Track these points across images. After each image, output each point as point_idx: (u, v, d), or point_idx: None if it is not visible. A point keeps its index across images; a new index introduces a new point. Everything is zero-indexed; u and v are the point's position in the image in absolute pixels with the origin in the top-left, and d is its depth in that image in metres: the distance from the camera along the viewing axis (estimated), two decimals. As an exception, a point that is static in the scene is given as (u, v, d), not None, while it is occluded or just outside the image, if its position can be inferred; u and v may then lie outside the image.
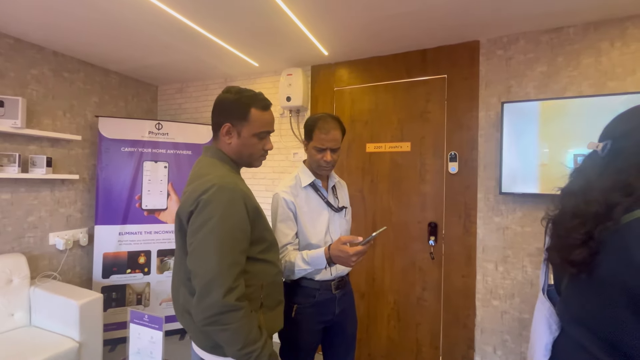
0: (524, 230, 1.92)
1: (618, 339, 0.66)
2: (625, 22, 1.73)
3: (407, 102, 2.23)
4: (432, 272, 2.15)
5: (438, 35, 1.99)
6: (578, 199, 0.75)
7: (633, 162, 0.69)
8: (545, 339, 0.87)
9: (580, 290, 0.76)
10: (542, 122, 1.81)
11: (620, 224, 0.66)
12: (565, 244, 0.75)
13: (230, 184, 0.92)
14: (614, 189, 0.69)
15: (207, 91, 2.89)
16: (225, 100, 1.02)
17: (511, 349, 1.94)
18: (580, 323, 0.76)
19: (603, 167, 0.73)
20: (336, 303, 1.33)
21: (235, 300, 0.84)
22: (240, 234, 0.90)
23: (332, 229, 1.34)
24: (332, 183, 1.40)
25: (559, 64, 1.86)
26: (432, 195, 2.15)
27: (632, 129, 0.71)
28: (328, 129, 1.24)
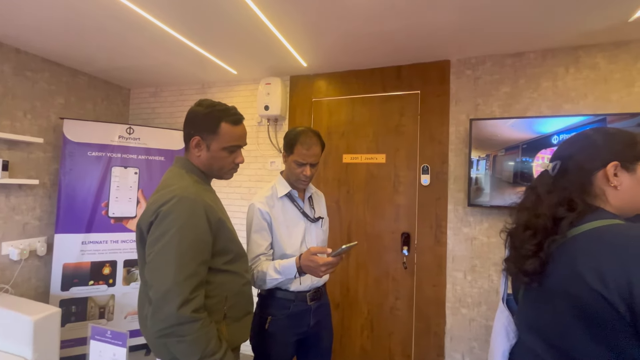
0: (490, 240, 2.02)
1: (567, 346, 0.71)
2: (577, 50, 1.90)
3: (383, 116, 2.30)
4: (405, 281, 2.20)
5: (412, 53, 2.08)
6: (530, 213, 0.81)
7: (575, 181, 0.76)
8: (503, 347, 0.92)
9: (534, 299, 0.82)
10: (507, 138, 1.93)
11: (567, 237, 0.73)
12: (520, 255, 0.81)
13: (191, 195, 0.92)
14: (559, 204, 0.76)
15: (182, 96, 2.83)
16: (196, 113, 1.03)
17: (478, 355, 2.02)
18: (533, 331, 0.81)
19: (552, 185, 0.80)
20: (311, 314, 1.33)
21: (191, 312, 0.84)
22: (200, 245, 0.90)
23: (309, 239, 1.35)
24: (308, 194, 1.41)
25: (521, 86, 2.00)
26: (406, 206, 2.22)
27: (575, 152, 0.79)
28: (310, 145, 1.26)
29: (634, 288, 0.59)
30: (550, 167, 0.81)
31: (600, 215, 0.72)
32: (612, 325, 0.63)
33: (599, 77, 1.86)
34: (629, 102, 1.80)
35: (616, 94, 1.82)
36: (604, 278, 0.63)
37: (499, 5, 1.53)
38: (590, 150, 0.77)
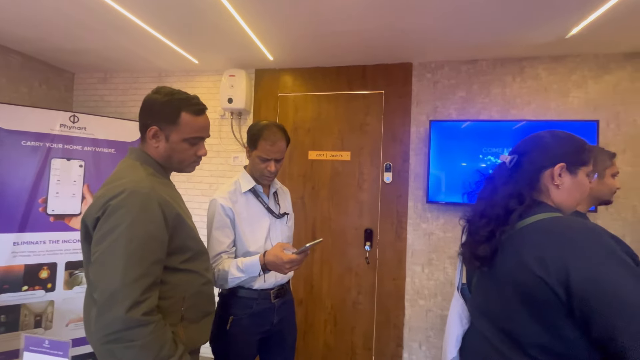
0: (446, 235, 2.15)
1: (512, 328, 0.78)
2: (522, 62, 2.08)
3: (348, 114, 2.33)
4: (367, 276, 2.26)
5: (377, 54, 2.14)
6: (487, 202, 0.88)
7: (526, 177, 0.84)
8: (456, 331, 0.99)
9: (485, 286, 0.88)
10: (462, 140, 2.06)
11: (515, 229, 0.79)
12: (474, 240, 0.87)
13: (144, 188, 0.86)
14: (511, 197, 0.83)
15: (137, 84, 2.63)
16: (154, 101, 0.96)
17: (434, 344, 2.14)
18: (484, 316, 0.88)
19: (507, 177, 0.87)
20: (275, 312, 1.31)
21: (142, 314, 0.78)
22: (153, 243, 0.84)
23: (273, 235, 1.32)
24: (273, 189, 1.38)
25: (475, 91, 2.15)
26: (369, 202, 2.28)
27: (530, 150, 0.86)
28: (274, 140, 1.23)
29: (570, 274, 0.66)
30: (508, 160, 0.88)
31: (543, 209, 0.80)
32: (551, 307, 0.69)
33: (540, 86, 2.06)
34: (564, 110, 2.01)
35: (554, 103, 2.03)
36: (545, 265, 0.70)
37: (456, 15, 1.62)
38: (543, 150, 0.84)
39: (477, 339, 0.91)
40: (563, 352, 0.70)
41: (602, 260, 0.65)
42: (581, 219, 0.75)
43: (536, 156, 0.84)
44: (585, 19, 1.60)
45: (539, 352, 0.73)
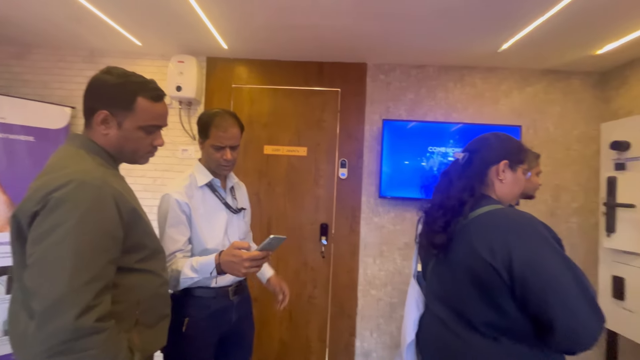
0: (396, 228, 2.29)
1: (464, 309, 0.87)
2: (462, 70, 2.31)
3: (305, 109, 2.34)
4: (322, 270, 2.30)
5: (334, 52, 2.18)
6: (443, 194, 0.97)
7: (477, 172, 0.94)
8: (413, 316, 1.07)
9: (440, 272, 0.97)
10: (410, 139, 2.22)
11: (467, 219, 0.89)
12: (431, 230, 0.96)
13: (96, 180, 0.76)
14: (464, 190, 0.92)
15: (63, 63, 2.28)
16: (104, 82, 0.85)
17: (384, 330, 2.27)
18: (439, 299, 0.97)
19: (461, 172, 0.96)
20: (234, 310, 1.27)
21: (94, 321, 0.69)
22: (107, 241, 0.76)
23: (231, 231, 1.27)
24: (230, 183, 1.33)
25: (423, 94, 2.32)
26: (325, 198, 2.32)
27: (479, 148, 0.97)
28: (226, 127, 1.18)
29: (512, 259, 0.76)
30: (461, 157, 0.97)
31: (488, 201, 0.91)
32: (497, 288, 0.79)
33: (477, 93, 2.31)
34: (495, 115, 2.29)
35: (487, 108, 2.30)
36: (493, 252, 0.79)
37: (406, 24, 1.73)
38: (490, 149, 0.95)
39: (433, 321, 0.99)
40: (506, 326, 0.80)
41: (537, 247, 0.77)
42: (524, 212, 0.87)
43: (485, 154, 0.95)
44: (513, 37, 1.84)
45: (486, 328, 0.83)
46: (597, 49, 1.93)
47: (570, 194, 2.25)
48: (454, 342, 0.88)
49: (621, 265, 1.71)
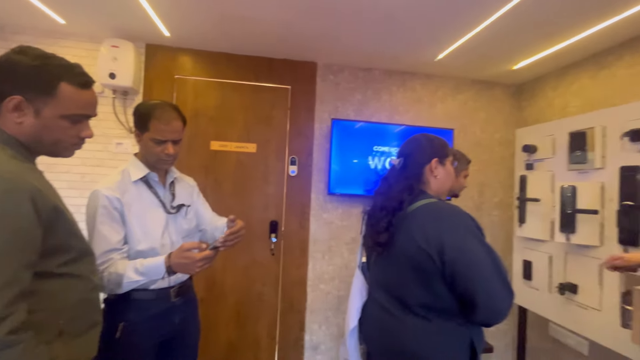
0: (343, 224, 2.38)
1: (403, 294, 0.96)
2: (404, 75, 2.48)
3: (254, 105, 2.30)
4: (271, 267, 2.29)
5: (284, 49, 2.18)
6: (384, 197, 1.05)
7: (413, 173, 1.04)
8: (357, 304, 1.15)
9: (383, 262, 1.05)
10: (358, 138, 2.32)
11: (406, 213, 0.98)
12: (375, 231, 1.03)
13: (8, 174, 0.68)
14: (403, 190, 1.01)
15: (-41, 37, 1.92)
16: (18, 63, 0.75)
17: (332, 322, 2.35)
18: (381, 287, 1.06)
19: (398, 176, 1.06)
20: (176, 312, 1.21)
21: (6, 333, 0.62)
22: (22, 243, 0.68)
23: (171, 230, 1.21)
24: (170, 178, 1.26)
25: (369, 96, 2.44)
26: (274, 195, 2.31)
27: (412, 151, 1.07)
28: (168, 119, 1.12)
29: (444, 245, 0.86)
30: (397, 163, 1.07)
31: (425, 196, 1.01)
32: (431, 272, 0.89)
33: (416, 98, 2.50)
34: (432, 119, 2.50)
35: (425, 112, 2.50)
36: (428, 240, 0.89)
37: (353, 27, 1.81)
38: (421, 150, 1.06)
39: (374, 307, 1.07)
40: (438, 306, 0.91)
41: (464, 235, 0.88)
42: (454, 205, 0.98)
43: (418, 155, 1.06)
44: (447, 48, 2.03)
45: (421, 310, 0.92)
46: (513, 64, 2.23)
47: (492, 190, 2.57)
48: (392, 324, 0.97)
49: (529, 251, 2.01)
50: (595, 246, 1.59)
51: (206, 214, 1.40)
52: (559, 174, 1.82)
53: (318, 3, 1.60)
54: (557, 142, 1.84)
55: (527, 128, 2.15)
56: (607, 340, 1.53)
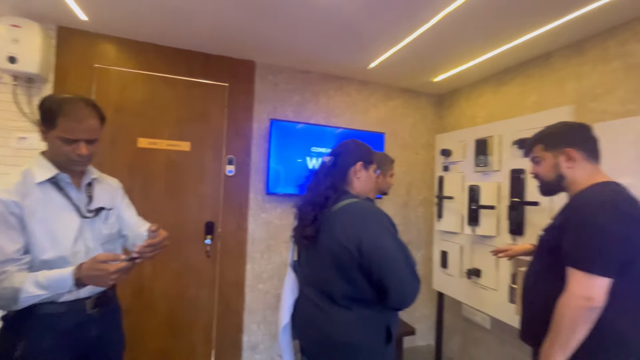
0: (282, 223, 2.42)
1: (328, 288, 1.04)
2: (341, 80, 2.61)
3: (189, 101, 2.20)
4: (207, 269, 2.22)
5: (221, 45, 2.12)
6: (312, 192, 1.12)
7: (339, 172, 1.12)
8: (289, 301, 1.20)
9: (310, 259, 1.12)
10: (296, 138, 2.37)
11: (331, 211, 1.05)
12: (303, 224, 1.10)
13: None
14: (329, 187, 1.09)
15: None
16: None
17: (271, 321, 2.37)
18: (310, 283, 1.12)
19: (327, 173, 1.13)
20: (94, 324, 1.11)
21: None
22: None
23: (87, 236, 1.09)
24: (87, 179, 1.14)
25: (307, 98, 2.51)
26: (210, 195, 2.24)
27: (342, 152, 1.15)
28: (81, 117, 1.01)
29: (362, 241, 0.96)
30: (328, 160, 1.14)
31: (348, 196, 1.09)
32: (351, 266, 0.98)
33: (352, 102, 2.64)
34: (366, 123, 2.67)
35: (359, 116, 2.66)
36: (348, 237, 0.97)
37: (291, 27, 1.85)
38: (349, 152, 1.14)
39: (305, 303, 1.13)
40: (357, 296, 1.00)
41: (379, 232, 0.98)
42: (370, 203, 1.08)
43: (345, 157, 1.14)
44: (378, 58, 2.19)
45: (344, 301, 1.01)
46: (434, 77, 2.50)
47: (418, 189, 2.85)
48: (321, 316, 1.04)
49: (445, 242, 2.29)
50: (493, 236, 1.88)
51: (131, 219, 1.30)
52: (468, 175, 2.10)
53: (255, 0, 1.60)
54: (466, 147, 2.13)
55: (444, 134, 2.44)
56: (502, 315, 1.83)
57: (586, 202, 0.93)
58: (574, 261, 0.89)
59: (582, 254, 0.88)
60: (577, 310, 0.86)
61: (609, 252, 0.86)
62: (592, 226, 0.88)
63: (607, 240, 0.86)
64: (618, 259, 0.86)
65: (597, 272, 0.85)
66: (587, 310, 0.85)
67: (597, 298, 0.85)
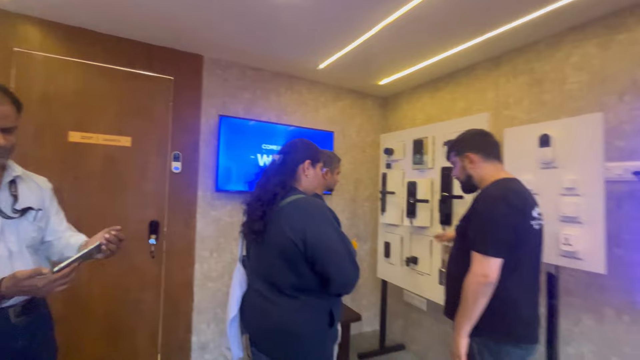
0: (233, 220, 2.40)
1: (276, 279, 1.09)
2: (292, 79, 2.66)
3: (130, 94, 2.07)
4: (152, 270, 2.13)
5: (166, 36, 2.04)
6: (261, 188, 1.16)
7: (288, 170, 1.18)
8: (237, 294, 1.24)
9: (259, 252, 1.17)
10: (247, 135, 2.37)
11: (279, 207, 1.11)
12: (252, 219, 1.14)
13: None
14: (278, 184, 1.14)
15: None
16: None
17: (221, 319, 2.35)
18: (258, 276, 1.17)
19: (276, 170, 1.18)
20: (19, 335, 1.03)
21: None
22: None
23: (10, 238, 1.01)
24: (9, 177, 1.05)
25: (258, 96, 2.51)
26: (155, 193, 2.14)
27: (290, 151, 1.21)
28: None
29: (306, 234, 1.03)
30: (277, 158, 1.19)
31: (295, 192, 1.16)
32: (296, 257, 1.05)
33: (303, 101, 2.71)
34: (316, 121, 2.76)
35: (310, 115, 2.74)
36: (293, 230, 1.04)
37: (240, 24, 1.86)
38: (298, 150, 1.20)
39: (253, 295, 1.18)
40: (303, 286, 1.07)
41: (322, 225, 1.06)
42: (315, 199, 1.16)
43: (294, 155, 1.20)
44: (326, 60, 2.29)
45: (290, 290, 1.08)
46: (379, 80, 2.68)
47: (364, 185, 3.03)
48: (268, 306, 1.09)
49: (388, 234, 2.48)
50: (427, 227, 2.10)
51: (58, 225, 1.20)
52: (407, 172, 2.31)
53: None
54: (406, 147, 2.33)
55: (387, 134, 2.63)
56: (435, 296, 2.06)
57: (484, 197, 1.13)
58: (475, 245, 1.08)
59: (480, 239, 1.08)
60: (477, 285, 1.04)
61: (500, 237, 1.06)
62: (487, 216, 1.08)
63: (498, 228, 1.06)
64: (507, 242, 1.06)
65: (491, 253, 1.05)
66: (485, 286, 1.04)
67: (492, 275, 1.04)
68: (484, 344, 1.09)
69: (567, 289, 1.68)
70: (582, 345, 1.63)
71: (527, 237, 1.10)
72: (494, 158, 1.23)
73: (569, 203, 1.42)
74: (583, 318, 1.63)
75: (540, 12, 1.58)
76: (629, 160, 1.46)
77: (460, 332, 1.10)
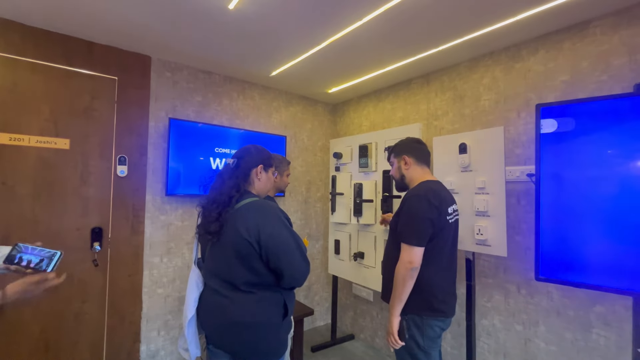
0: (184, 224, 2.37)
1: (232, 277, 1.17)
2: (244, 84, 2.71)
3: (67, 93, 1.95)
4: (95, 280, 2.02)
5: (109, 34, 1.95)
6: (216, 191, 1.23)
7: (242, 174, 1.26)
8: (194, 295, 1.28)
9: (214, 253, 1.23)
10: (199, 139, 2.36)
11: (234, 209, 1.19)
12: (207, 221, 1.20)
13: None
14: (233, 187, 1.22)
15: None
16: None
17: (173, 325, 2.31)
18: (214, 275, 1.23)
19: (231, 174, 1.25)
20: None
21: None
22: None
23: None
24: None
25: (210, 99, 2.52)
26: (97, 199, 2.04)
27: (244, 155, 1.29)
28: None
29: (260, 233, 1.12)
30: (232, 162, 1.26)
31: (249, 195, 1.25)
32: (251, 255, 1.14)
33: (255, 106, 2.77)
34: (269, 126, 2.84)
35: (263, 119, 2.82)
36: (248, 230, 1.13)
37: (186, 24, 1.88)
38: (251, 155, 1.29)
39: (209, 294, 1.24)
40: (258, 281, 1.17)
41: (275, 225, 1.16)
42: (268, 201, 1.26)
43: (247, 160, 1.29)
44: (278, 68, 2.39)
45: (246, 286, 1.16)
46: (328, 88, 2.86)
47: (316, 187, 3.18)
48: (225, 303, 1.17)
49: (338, 232, 2.67)
50: (372, 224, 2.32)
51: None
52: (354, 174, 2.52)
53: (151, 2, 1.57)
54: (353, 151, 2.53)
55: (336, 139, 2.82)
56: (379, 287, 2.28)
57: (410, 196, 1.37)
58: (402, 237, 1.31)
59: (406, 232, 1.31)
60: (405, 271, 1.26)
61: (421, 230, 1.30)
62: (411, 212, 1.32)
63: (419, 222, 1.30)
64: (427, 234, 1.30)
65: (415, 243, 1.28)
66: (410, 270, 1.27)
67: (416, 261, 1.27)
68: (411, 319, 1.32)
69: (482, 272, 2.01)
70: (493, 317, 1.97)
71: (443, 230, 1.34)
72: (423, 163, 1.46)
73: (480, 200, 1.73)
74: (494, 294, 1.97)
75: (459, 40, 1.88)
76: (525, 164, 1.83)
77: (393, 312, 1.30)
